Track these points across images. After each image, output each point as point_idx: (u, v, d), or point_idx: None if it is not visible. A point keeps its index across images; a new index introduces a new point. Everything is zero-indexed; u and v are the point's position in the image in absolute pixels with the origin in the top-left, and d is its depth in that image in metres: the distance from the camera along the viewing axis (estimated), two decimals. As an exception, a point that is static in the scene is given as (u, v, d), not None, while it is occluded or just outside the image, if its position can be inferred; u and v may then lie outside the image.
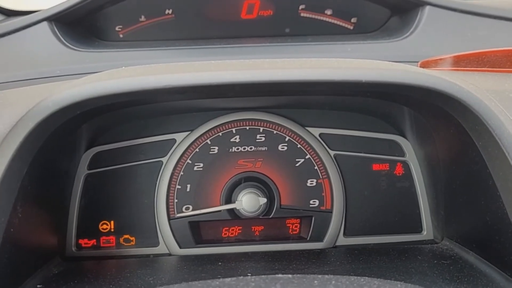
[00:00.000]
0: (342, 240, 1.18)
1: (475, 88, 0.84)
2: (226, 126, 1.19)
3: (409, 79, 0.80)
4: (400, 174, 1.20)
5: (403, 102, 1.05)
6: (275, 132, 1.19)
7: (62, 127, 0.86)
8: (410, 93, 0.87)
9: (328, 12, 1.47)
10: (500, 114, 0.80)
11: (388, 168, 1.20)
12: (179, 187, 1.17)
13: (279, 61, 0.90)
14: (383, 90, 0.88)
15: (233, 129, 1.19)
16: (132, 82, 0.80)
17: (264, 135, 1.19)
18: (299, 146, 1.19)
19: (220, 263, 1.02)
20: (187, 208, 1.17)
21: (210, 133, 1.18)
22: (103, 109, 0.96)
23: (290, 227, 1.19)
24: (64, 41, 1.33)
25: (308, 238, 1.17)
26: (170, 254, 1.15)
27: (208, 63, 0.90)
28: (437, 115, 0.97)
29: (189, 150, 1.18)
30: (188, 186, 1.17)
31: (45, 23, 1.35)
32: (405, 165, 1.20)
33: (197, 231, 1.17)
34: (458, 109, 0.82)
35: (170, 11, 1.45)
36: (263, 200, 1.15)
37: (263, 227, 1.19)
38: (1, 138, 0.79)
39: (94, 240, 1.15)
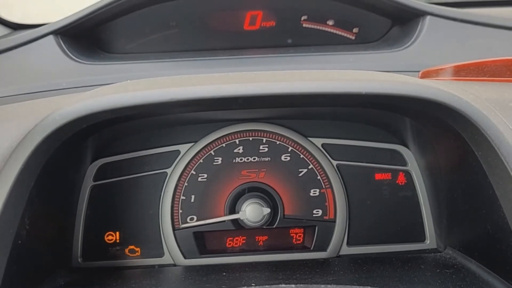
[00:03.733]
0: (346, 250, 1.18)
1: (475, 98, 0.85)
2: (230, 137, 1.20)
3: (408, 90, 0.81)
4: (403, 184, 1.20)
5: (403, 112, 1.06)
6: (278, 142, 1.20)
7: (68, 140, 0.88)
8: (409, 104, 0.89)
9: (330, 22, 1.48)
10: (499, 124, 0.80)
11: (391, 178, 1.20)
12: (184, 198, 1.18)
13: (280, 73, 0.92)
14: (383, 101, 0.89)
15: (237, 140, 1.20)
16: (137, 96, 0.82)
17: (267, 145, 1.21)
18: (301, 156, 1.20)
19: (224, 273, 1.03)
20: (192, 219, 1.18)
21: (213, 144, 1.20)
22: (109, 122, 0.98)
23: (294, 237, 1.20)
24: (70, 54, 1.35)
25: (311, 248, 1.17)
26: (175, 265, 1.16)
27: (211, 76, 0.92)
28: (437, 125, 0.98)
29: (193, 161, 1.19)
30: (193, 196, 1.18)
31: (51, 37, 1.37)
32: (407, 174, 1.20)
33: (201, 241, 1.18)
34: (457, 119, 0.83)
35: (174, 23, 1.47)
36: (267, 210, 1.15)
37: (267, 237, 1.19)
38: (10, 152, 0.80)
39: (100, 251, 1.16)
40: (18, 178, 0.78)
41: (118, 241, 1.17)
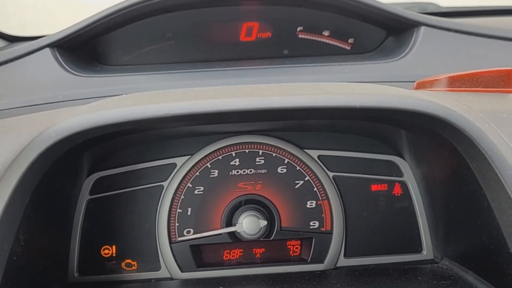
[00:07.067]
0: (343, 261, 1.18)
1: (468, 110, 0.86)
2: (226, 149, 1.20)
3: (401, 103, 0.81)
4: (399, 194, 1.20)
5: (398, 124, 1.06)
6: (274, 154, 1.21)
7: (64, 155, 0.88)
8: (403, 117, 0.89)
9: (326, 33, 1.49)
10: (493, 136, 0.81)
11: (387, 189, 1.21)
12: (180, 210, 1.18)
13: (276, 86, 0.92)
14: (377, 114, 0.89)
15: (233, 153, 1.20)
16: (133, 111, 0.82)
17: (263, 158, 1.21)
18: (298, 168, 1.20)
19: (221, 286, 1.02)
20: (188, 232, 1.17)
21: (210, 156, 1.20)
22: (105, 136, 0.98)
23: (291, 249, 1.19)
24: (67, 67, 1.35)
25: (309, 260, 1.17)
26: (171, 278, 1.16)
27: (207, 89, 0.92)
28: (431, 137, 0.98)
29: (189, 174, 1.19)
30: (189, 209, 1.18)
31: (47, 49, 1.37)
32: (404, 185, 1.20)
33: (198, 254, 1.18)
34: (450, 132, 0.83)
35: (170, 35, 1.48)
36: (264, 223, 1.15)
37: (264, 249, 1.19)
38: (5, 168, 0.80)
39: (96, 265, 1.16)
40: (13, 195, 0.78)
41: (114, 255, 1.17)
